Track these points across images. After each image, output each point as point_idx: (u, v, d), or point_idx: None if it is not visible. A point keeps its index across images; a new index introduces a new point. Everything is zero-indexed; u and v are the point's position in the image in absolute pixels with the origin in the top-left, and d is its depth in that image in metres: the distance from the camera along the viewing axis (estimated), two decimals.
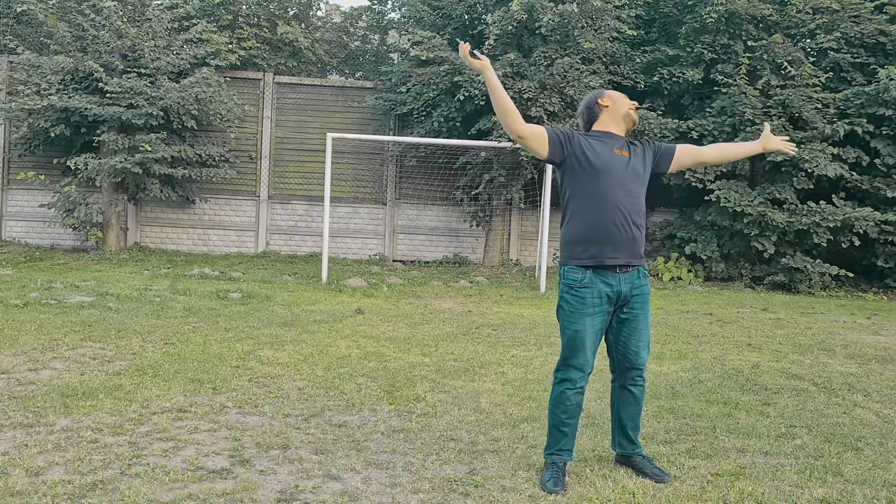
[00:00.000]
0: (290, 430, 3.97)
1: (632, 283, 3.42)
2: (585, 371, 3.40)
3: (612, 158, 3.43)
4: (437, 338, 6.79)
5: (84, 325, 6.60)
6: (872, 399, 5.08)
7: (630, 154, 3.50)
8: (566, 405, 3.40)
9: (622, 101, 3.58)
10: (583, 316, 3.36)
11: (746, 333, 7.76)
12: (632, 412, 3.54)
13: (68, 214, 12.62)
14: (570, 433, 3.42)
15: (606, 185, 3.37)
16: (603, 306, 3.38)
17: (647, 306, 3.48)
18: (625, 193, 3.39)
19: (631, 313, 3.44)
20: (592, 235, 3.37)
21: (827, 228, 11.91)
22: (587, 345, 3.36)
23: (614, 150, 3.46)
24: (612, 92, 3.65)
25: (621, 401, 3.55)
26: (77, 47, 12.69)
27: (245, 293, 9.10)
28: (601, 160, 3.40)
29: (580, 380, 3.40)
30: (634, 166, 3.48)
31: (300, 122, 14.44)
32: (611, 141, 3.50)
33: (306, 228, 14.43)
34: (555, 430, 3.43)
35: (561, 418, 3.41)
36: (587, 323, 3.36)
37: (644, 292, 3.47)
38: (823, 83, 12.60)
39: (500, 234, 13.73)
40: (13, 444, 3.61)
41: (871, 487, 3.42)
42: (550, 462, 3.41)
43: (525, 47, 12.65)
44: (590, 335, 3.36)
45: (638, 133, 12.77)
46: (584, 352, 3.37)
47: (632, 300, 3.43)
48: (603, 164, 3.40)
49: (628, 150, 3.51)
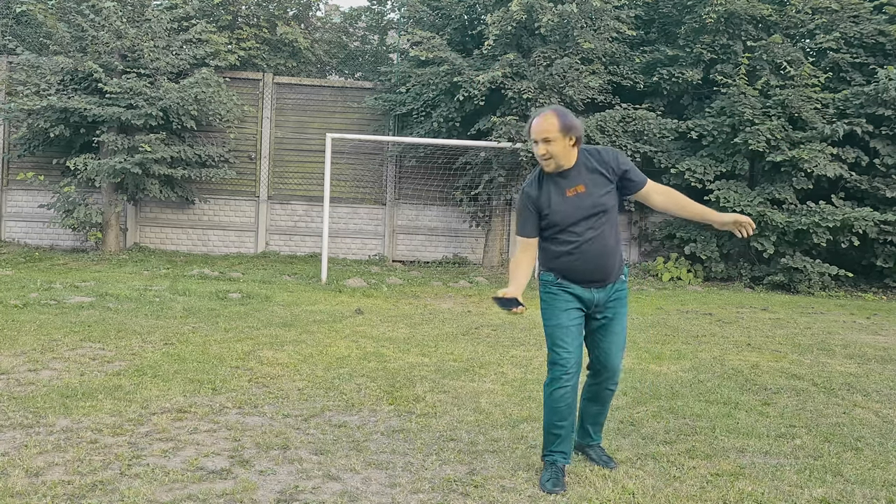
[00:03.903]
0: (289, 431, 3.97)
1: (607, 293, 3.46)
2: (568, 367, 3.37)
3: (566, 203, 3.36)
4: (437, 338, 6.79)
5: (84, 326, 6.60)
6: (872, 399, 5.08)
7: (587, 186, 3.36)
8: (556, 406, 3.39)
9: (533, 149, 3.39)
10: (557, 311, 3.42)
11: (746, 333, 7.76)
12: (595, 410, 3.65)
13: (68, 215, 12.62)
14: (563, 435, 3.41)
15: (568, 232, 3.37)
16: (576, 303, 3.44)
17: (622, 310, 3.52)
18: (589, 233, 3.36)
19: (606, 317, 3.49)
20: (561, 269, 3.43)
21: (826, 228, 11.91)
22: (565, 338, 3.38)
23: (567, 191, 3.37)
24: (530, 131, 3.37)
25: (589, 396, 3.65)
26: (76, 48, 12.69)
27: (245, 293, 9.10)
28: (557, 212, 3.36)
29: (565, 377, 3.37)
30: (593, 201, 3.35)
31: (300, 122, 14.44)
32: (561, 179, 3.38)
33: (306, 229, 14.42)
34: (549, 432, 3.44)
35: (552, 420, 3.41)
36: (563, 318, 3.41)
37: (620, 297, 3.51)
38: (823, 83, 12.60)
39: (500, 234, 13.73)
40: (13, 444, 3.61)
41: (871, 487, 3.42)
42: (549, 463, 3.42)
43: (524, 47, 12.65)
44: (566, 329, 3.39)
45: (637, 133, 12.79)
46: (563, 346, 3.38)
47: (608, 305, 3.48)
48: (559, 216, 3.36)
49: (584, 183, 3.36)
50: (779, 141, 12.21)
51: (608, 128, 12.35)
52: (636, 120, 12.71)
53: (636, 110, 12.82)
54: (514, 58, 12.04)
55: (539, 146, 3.32)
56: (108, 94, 12.00)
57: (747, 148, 12.22)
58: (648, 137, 12.82)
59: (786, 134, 12.29)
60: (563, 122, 3.30)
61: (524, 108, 12.23)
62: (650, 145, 12.88)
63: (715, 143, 12.72)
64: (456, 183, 13.72)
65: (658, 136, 12.94)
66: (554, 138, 3.29)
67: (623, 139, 12.52)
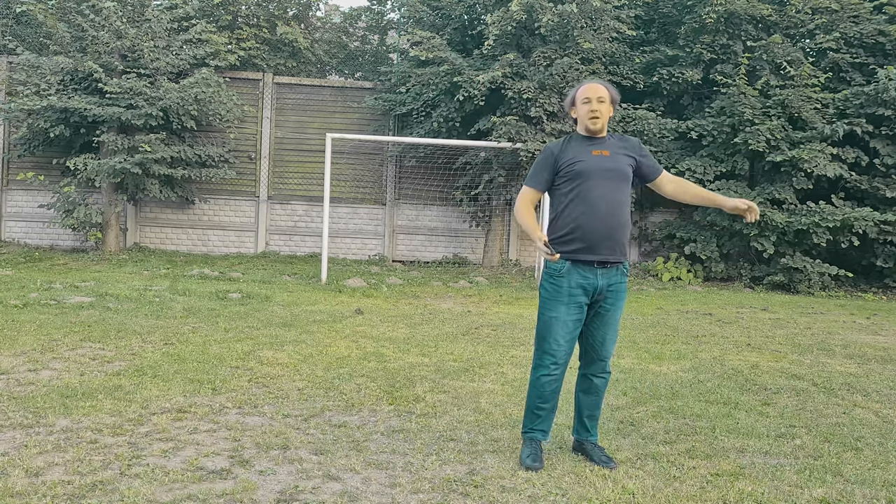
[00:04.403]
0: (289, 431, 3.97)
1: (609, 279, 3.54)
2: (557, 358, 3.53)
3: (591, 160, 3.53)
4: (437, 338, 6.79)
5: (84, 326, 6.60)
6: (872, 399, 5.08)
7: (611, 152, 3.56)
8: (540, 391, 3.58)
9: (580, 108, 3.59)
10: (558, 304, 3.51)
11: (746, 333, 7.76)
12: (590, 402, 3.70)
13: (68, 215, 12.62)
14: (544, 415, 3.60)
15: (586, 186, 3.49)
16: (579, 298, 3.51)
17: (619, 303, 3.61)
18: (606, 192, 3.49)
19: (604, 308, 3.58)
20: (574, 234, 3.50)
21: (826, 228, 11.92)
22: (559, 332, 3.51)
23: (592, 151, 3.55)
24: (583, 91, 3.60)
25: (582, 388, 3.73)
26: (76, 48, 12.70)
27: (245, 293, 9.10)
28: (580, 163, 3.52)
29: (553, 367, 3.54)
30: (615, 165, 3.55)
31: (300, 122, 14.44)
32: (588, 142, 3.59)
33: (306, 229, 14.42)
34: (530, 412, 3.62)
35: (536, 402, 3.60)
36: (561, 311, 3.51)
37: (620, 289, 3.60)
38: (823, 83, 12.61)
39: (500, 234, 13.73)
40: (13, 444, 3.61)
41: (871, 487, 3.42)
42: (528, 439, 3.61)
43: (524, 47, 12.66)
44: (563, 323, 3.51)
45: (637, 133, 12.78)
46: (556, 338, 3.51)
47: (607, 295, 3.56)
48: (582, 166, 3.51)
49: (609, 149, 3.57)
50: (779, 141, 12.21)
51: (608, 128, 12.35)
52: (636, 120, 12.71)
53: (636, 110, 12.83)
54: (514, 58, 12.04)
55: (592, 103, 3.53)
56: (108, 94, 12.01)
57: (747, 148, 12.22)
58: (648, 137, 12.82)
59: (786, 134, 12.29)
60: (612, 92, 3.62)
61: (524, 108, 12.23)
62: (650, 145, 12.87)
63: (715, 143, 12.72)
64: (456, 183, 13.73)
65: (658, 136, 12.94)
66: (606, 100, 3.56)
67: None
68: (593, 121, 3.54)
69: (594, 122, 3.54)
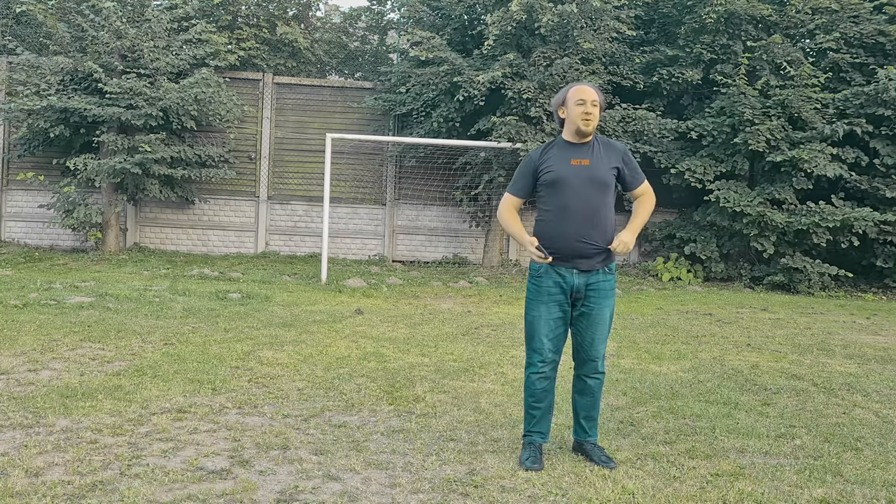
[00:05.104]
0: (289, 431, 3.97)
1: (587, 278, 3.57)
2: (544, 355, 3.60)
3: (568, 169, 3.55)
4: (437, 338, 6.79)
5: (83, 326, 6.60)
6: (872, 399, 5.08)
7: (592, 161, 3.56)
8: (531, 389, 3.65)
9: (573, 109, 3.56)
10: (539, 303, 3.60)
11: (746, 334, 7.76)
12: (586, 402, 3.72)
13: (68, 215, 12.62)
14: (539, 416, 3.65)
15: (562, 194, 3.53)
16: (557, 296, 3.57)
17: (605, 301, 3.61)
18: (582, 201, 3.51)
19: (588, 307, 3.60)
20: (550, 243, 3.56)
21: (826, 228, 11.92)
22: (542, 330, 3.58)
23: (571, 160, 3.56)
24: (576, 92, 3.59)
25: (577, 389, 3.75)
26: (76, 48, 12.69)
27: (244, 294, 9.10)
28: (556, 171, 3.56)
29: (541, 365, 3.61)
30: (594, 173, 3.54)
31: (299, 122, 14.44)
32: (570, 149, 3.61)
33: (306, 229, 14.42)
34: (526, 412, 3.70)
35: (530, 402, 3.67)
36: (542, 310, 3.59)
37: (603, 288, 3.60)
38: (822, 83, 12.60)
39: (500, 234, 13.73)
40: (13, 444, 3.61)
41: (871, 487, 3.42)
42: (527, 442, 3.66)
43: (524, 48, 12.65)
44: (544, 322, 3.58)
45: (637, 133, 12.79)
46: (539, 336, 3.59)
47: (589, 295, 3.59)
48: (557, 174, 3.55)
49: (589, 157, 3.56)
50: (779, 141, 12.21)
51: (608, 128, 12.35)
52: (636, 120, 12.71)
53: (636, 110, 12.82)
54: (514, 58, 12.04)
55: (587, 105, 3.55)
56: (108, 94, 12.00)
57: (747, 148, 12.22)
58: (648, 137, 12.82)
59: (786, 134, 12.29)
60: (602, 97, 3.65)
61: (524, 108, 12.23)
62: (650, 145, 12.88)
63: (715, 143, 12.72)
64: (456, 183, 13.73)
65: (658, 136, 12.94)
66: (598, 105, 3.59)
67: (623, 139, 12.52)
68: (586, 122, 3.54)
69: (587, 123, 3.55)
